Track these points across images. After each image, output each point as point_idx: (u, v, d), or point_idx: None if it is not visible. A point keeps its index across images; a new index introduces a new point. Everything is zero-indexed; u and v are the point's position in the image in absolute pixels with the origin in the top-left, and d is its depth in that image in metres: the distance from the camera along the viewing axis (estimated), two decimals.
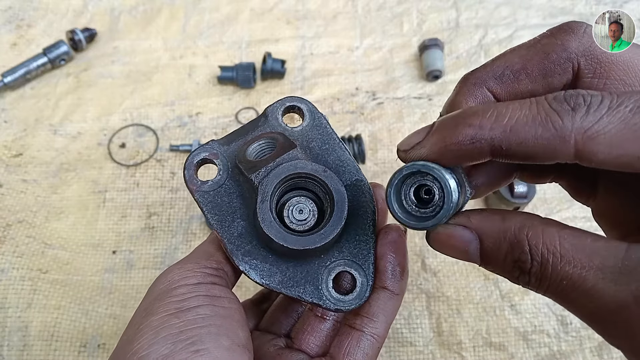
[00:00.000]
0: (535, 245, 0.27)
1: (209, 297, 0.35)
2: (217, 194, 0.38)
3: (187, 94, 0.85)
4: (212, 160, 0.39)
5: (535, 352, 0.63)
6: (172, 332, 0.32)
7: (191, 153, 0.38)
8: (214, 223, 0.37)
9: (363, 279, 0.39)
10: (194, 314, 0.33)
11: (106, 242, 0.71)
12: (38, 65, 0.84)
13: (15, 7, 0.94)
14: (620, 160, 0.25)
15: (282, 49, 0.89)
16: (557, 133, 0.26)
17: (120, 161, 0.78)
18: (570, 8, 0.92)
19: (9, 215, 0.72)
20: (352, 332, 0.39)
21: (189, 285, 0.35)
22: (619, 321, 0.24)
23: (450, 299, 0.67)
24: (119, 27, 0.92)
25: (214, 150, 0.39)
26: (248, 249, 0.37)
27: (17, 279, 0.67)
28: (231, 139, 0.40)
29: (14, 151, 0.78)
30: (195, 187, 0.38)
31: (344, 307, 0.38)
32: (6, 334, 0.63)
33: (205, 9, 0.94)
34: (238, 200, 0.38)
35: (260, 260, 0.37)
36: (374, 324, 0.39)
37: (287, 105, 0.42)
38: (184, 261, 0.38)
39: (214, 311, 0.34)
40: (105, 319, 0.65)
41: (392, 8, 0.94)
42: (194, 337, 0.32)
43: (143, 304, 0.35)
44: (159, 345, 0.31)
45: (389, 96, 0.84)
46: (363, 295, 0.38)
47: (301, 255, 0.37)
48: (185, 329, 0.32)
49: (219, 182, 0.38)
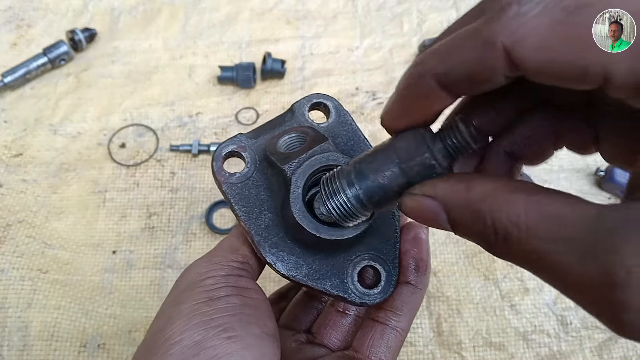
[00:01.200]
0: (498, 218, 0.24)
1: (237, 288, 0.35)
2: (244, 186, 0.38)
3: (187, 94, 0.85)
4: (240, 152, 0.39)
5: (535, 352, 0.63)
6: (204, 319, 0.32)
7: (220, 145, 0.39)
8: (242, 215, 0.37)
9: (387, 274, 0.39)
10: (224, 303, 0.33)
11: (106, 242, 0.71)
12: (38, 65, 0.84)
13: (15, 7, 0.94)
14: (551, 67, 0.22)
15: (282, 49, 0.89)
16: (486, 40, 0.22)
17: (120, 161, 0.78)
18: None
19: (9, 215, 0.72)
20: (375, 325, 0.40)
21: (217, 277, 0.35)
22: (592, 297, 0.22)
23: (450, 299, 0.67)
24: (119, 27, 0.92)
25: (242, 143, 0.39)
26: (275, 241, 0.37)
27: (17, 279, 0.67)
28: (259, 133, 0.40)
29: (14, 151, 0.78)
30: (224, 178, 0.38)
31: (368, 300, 0.38)
32: (6, 334, 0.63)
33: (205, 9, 0.94)
34: (265, 192, 0.38)
35: (287, 253, 0.37)
36: (397, 318, 0.40)
37: (314, 102, 0.42)
38: (210, 255, 0.38)
39: (243, 301, 0.34)
40: (105, 319, 0.65)
41: (392, 8, 0.94)
42: (226, 324, 0.32)
43: (172, 295, 0.36)
44: (192, 332, 0.31)
45: (388, 96, 0.84)
46: (388, 289, 0.39)
47: (329, 247, 0.37)
48: (216, 316, 0.32)
49: (246, 174, 0.39)
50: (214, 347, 0.31)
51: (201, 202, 0.74)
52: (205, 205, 0.74)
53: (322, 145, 0.37)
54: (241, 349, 0.31)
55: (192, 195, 0.75)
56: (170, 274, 0.69)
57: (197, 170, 0.77)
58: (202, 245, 0.72)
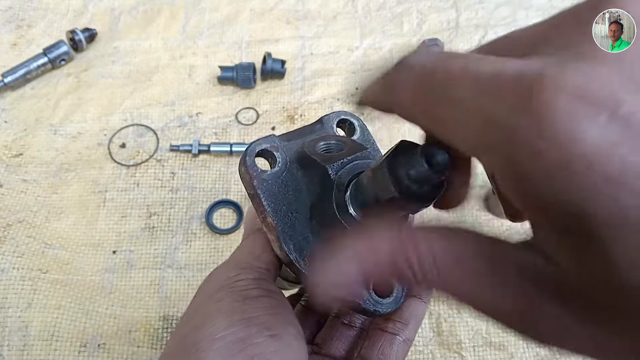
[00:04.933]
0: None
1: (268, 291, 0.35)
2: (275, 183, 0.38)
3: (187, 94, 0.85)
4: (272, 152, 0.39)
5: (535, 352, 0.63)
6: (245, 316, 0.32)
7: (253, 142, 0.39)
8: (270, 211, 0.37)
9: (399, 285, 0.40)
10: (261, 302, 0.33)
11: (106, 242, 0.71)
12: (38, 66, 0.84)
13: (15, 7, 0.94)
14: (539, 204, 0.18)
15: (282, 49, 0.89)
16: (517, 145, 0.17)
17: (120, 161, 0.78)
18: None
19: (9, 215, 0.72)
20: (385, 335, 0.41)
21: (249, 279, 0.35)
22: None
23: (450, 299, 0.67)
24: (119, 27, 0.92)
25: (275, 143, 0.40)
26: (300, 241, 0.37)
27: (17, 279, 0.67)
28: (289, 137, 0.41)
29: (14, 151, 0.78)
30: (256, 173, 0.38)
31: (381, 309, 0.38)
32: (6, 334, 0.63)
33: (205, 9, 0.94)
34: (293, 193, 0.39)
35: (310, 250, 0.38)
36: (405, 328, 0.41)
37: (341, 118, 0.44)
38: (233, 261, 0.38)
39: (276, 302, 0.35)
40: (106, 318, 0.65)
41: (392, 8, 0.94)
42: (267, 322, 0.32)
43: (201, 295, 0.35)
44: (235, 328, 0.31)
45: None
46: (399, 300, 0.39)
47: None
48: (257, 314, 0.32)
49: (277, 172, 0.39)
50: (258, 345, 0.31)
51: (201, 202, 0.74)
52: (205, 205, 0.74)
53: (363, 152, 0.38)
54: (284, 347, 0.31)
55: (192, 195, 0.75)
56: (171, 274, 0.69)
57: (197, 170, 0.77)
58: (202, 245, 0.72)
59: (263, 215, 0.38)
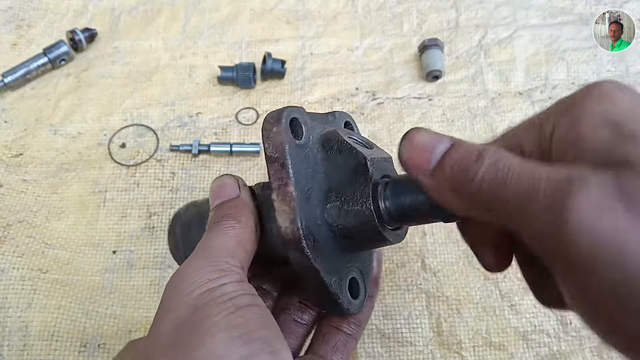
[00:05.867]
0: (499, 149, 0.28)
1: (253, 297, 0.33)
2: (299, 155, 0.37)
3: (187, 94, 0.85)
4: (302, 124, 0.38)
5: (535, 352, 0.63)
6: (243, 331, 0.30)
7: (288, 107, 0.37)
8: (293, 179, 0.35)
9: (364, 289, 0.42)
10: (251, 313, 0.32)
11: (106, 242, 0.71)
12: (38, 66, 0.84)
13: (15, 7, 0.94)
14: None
15: (282, 49, 0.89)
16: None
17: (120, 161, 0.78)
18: (570, 8, 0.92)
19: (9, 215, 0.72)
20: (340, 334, 0.43)
21: (233, 283, 0.33)
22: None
23: (450, 299, 0.67)
24: (119, 27, 0.92)
25: (305, 117, 0.38)
26: (309, 220, 0.36)
27: (17, 279, 0.67)
28: (313, 117, 0.40)
29: (14, 151, 0.78)
30: (288, 137, 0.36)
31: (352, 309, 0.39)
32: (6, 334, 0.63)
33: (205, 9, 0.94)
34: (310, 172, 0.37)
35: (316, 234, 0.36)
36: (358, 329, 0.44)
37: (347, 121, 0.46)
38: (208, 260, 0.35)
39: (264, 311, 0.33)
40: (106, 319, 0.65)
41: (392, 8, 0.94)
42: (265, 337, 0.30)
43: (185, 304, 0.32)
44: (236, 347, 0.29)
45: (389, 96, 0.84)
46: (362, 303, 0.41)
47: (352, 249, 0.39)
48: (253, 327, 0.31)
49: (303, 146, 0.37)
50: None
51: None
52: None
53: (387, 158, 0.40)
54: None
55: (192, 195, 0.75)
56: (171, 274, 0.69)
57: (198, 170, 0.77)
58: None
59: (283, 182, 0.35)
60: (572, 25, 0.90)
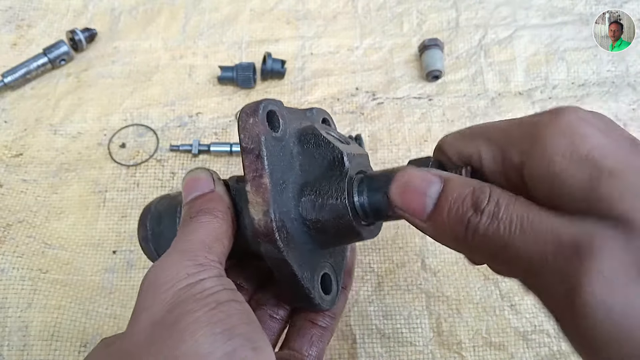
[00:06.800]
0: (495, 191, 0.27)
1: (232, 292, 0.33)
2: (275, 147, 0.36)
3: (187, 94, 0.85)
4: (279, 117, 0.37)
5: (535, 352, 0.63)
6: (225, 327, 0.29)
7: (265, 100, 0.37)
8: (268, 171, 0.35)
9: (337, 284, 0.42)
10: (233, 309, 0.31)
11: (106, 242, 0.71)
12: (38, 65, 0.84)
13: (15, 7, 0.94)
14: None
15: (282, 49, 0.89)
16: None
17: (120, 161, 0.78)
18: (570, 8, 0.92)
19: (9, 215, 0.72)
20: (315, 327, 0.44)
21: (212, 278, 0.33)
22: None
23: (450, 299, 0.67)
24: (119, 27, 0.92)
25: (282, 111, 0.38)
26: (283, 212, 0.35)
27: (17, 279, 0.67)
28: (290, 112, 0.40)
29: (14, 151, 0.78)
30: (265, 129, 0.35)
31: (323, 305, 0.39)
32: (6, 334, 0.63)
33: (205, 9, 0.94)
34: (286, 165, 0.37)
35: (289, 227, 0.36)
36: (333, 321, 0.45)
37: (324, 117, 0.46)
38: (186, 254, 0.34)
39: (244, 306, 0.32)
40: (106, 318, 0.65)
41: (392, 8, 0.94)
42: (247, 333, 0.30)
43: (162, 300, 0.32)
44: (220, 343, 0.29)
45: (389, 96, 0.84)
46: (335, 299, 0.41)
47: (326, 244, 0.39)
48: (236, 324, 0.30)
49: (279, 138, 0.37)
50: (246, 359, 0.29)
51: None
52: None
53: (363, 155, 0.40)
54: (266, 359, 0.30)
55: None
56: None
57: None
58: None
59: (258, 174, 0.35)
60: (572, 25, 0.90)
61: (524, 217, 0.25)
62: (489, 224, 0.26)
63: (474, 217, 0.27)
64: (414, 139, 0.79)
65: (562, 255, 0.24)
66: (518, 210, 0.26)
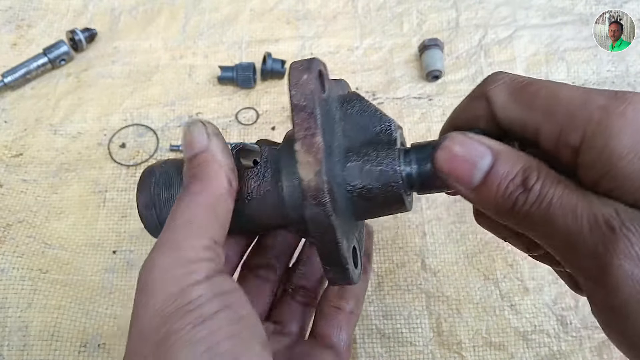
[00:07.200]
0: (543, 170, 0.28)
1: (224, 297, 0.31)
2: (323, 107, 0.35)
3: (187, 94, 0.85)
4: (324, 80, 0.36)
5: (535, 352, 0.63)
6: (209, 345, 0.29)
7: (315, 58, 0.35)
8: (320, 130, 0.33)
9: (360, 262, 0.40)
10: (219, 322, 0.30)
11: (106, 242, 0.71)
12: (38, 65, 0.84)
13: (15, 7, 0.94)
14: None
15: (282, 49, 0.89)
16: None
17: (120, 161, 0.78)
18: (570, 8, 0.92)
19: (9, 215, 0.72)
20: (340, 312, 0.44)
21: (201, 285, 0.31)
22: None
23: (450, 299, 0.67)
24: (119, 27, 0.92)
25: (327, 72, 0.37)
26: (331, 175, 0.34)
27: (17, 279, 0.67)
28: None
29: (14, 151, 0.78)
30: (318, 87, 0.34)
31: (354, 277, 0.38)
32: (6, 334, 0.63)
33: (205, 9, 0.94)
34: (329, 126, 0.35)
35: (336, 192, 0.34)
36: (359, 304, 0.46)
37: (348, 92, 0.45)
38: (174, 246, 0.33)
39: (235, 314, 0.31)
40: (106, 319, 0.66)
41: (392, 8, 0.94)
42: (230, 349, 0.29)
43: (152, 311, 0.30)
44: None
45: (388, 96, 0.84)
46: (359, 274, 0.40)
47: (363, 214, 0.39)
48: (220, 340, 0.29)
49: (327, 100, 0.36)
50: None
51: None
52: None
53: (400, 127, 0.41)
54: None
55: None
56: None
57: None
58: None
59: (310, 132, 0.33)
60: (572, 25, 0.90)
61: (564, 195, 0.27)
62: (534, 202, 0.28)
63: (522, 195, 0.28)
64: (414, 139, 0.78)
65: (597, 232, 0.25)
66: (561, 188, 0.27)
